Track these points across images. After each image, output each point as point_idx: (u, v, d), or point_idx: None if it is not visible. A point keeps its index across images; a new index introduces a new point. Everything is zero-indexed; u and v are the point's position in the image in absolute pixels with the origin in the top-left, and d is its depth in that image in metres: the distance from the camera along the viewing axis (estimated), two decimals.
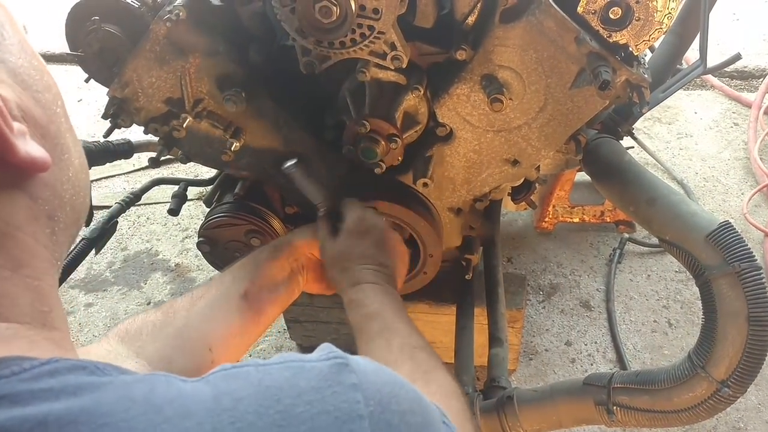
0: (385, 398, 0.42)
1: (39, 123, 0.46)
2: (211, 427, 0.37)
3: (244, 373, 0.42)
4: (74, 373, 0.39)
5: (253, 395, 0.40)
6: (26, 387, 0.37)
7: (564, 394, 1.18)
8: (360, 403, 0.41)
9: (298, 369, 0.43)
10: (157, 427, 0.37)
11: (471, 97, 1.14)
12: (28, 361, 0.39)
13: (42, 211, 0.46)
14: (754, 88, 3.04)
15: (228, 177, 1.48)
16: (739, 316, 0.98)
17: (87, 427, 0.36)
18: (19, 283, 0.44)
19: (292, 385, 0.41)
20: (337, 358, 0.44)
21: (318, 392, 0.41)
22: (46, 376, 0.38)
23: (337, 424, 0.39)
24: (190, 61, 1.14)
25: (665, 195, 1.12)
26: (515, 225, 2.36)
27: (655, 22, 1.02)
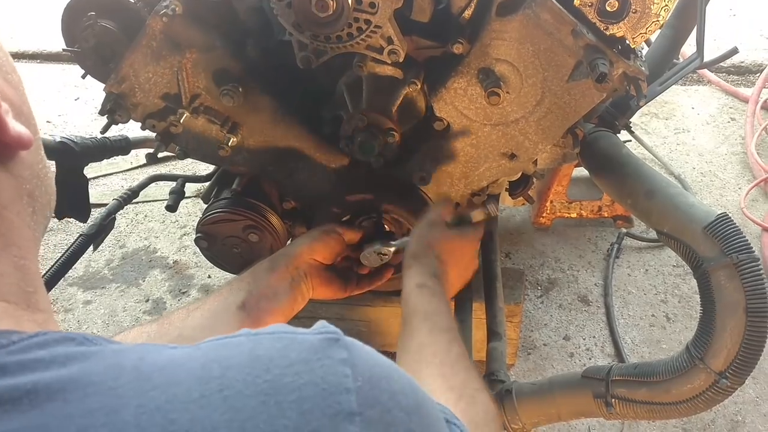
0: (375, 376, 0.42)
1: (14, 103, 0.46)
2: (198, 393, 0.37)
3: (235, 342, 0.43)
4: (63, 344, 0.39)
5: (242, 364, 0.40)
6: (15, 358, 0.37)
7: (563, 387, 1.18)
8: (348, 377, 0.41)
9: (289, 340, 0.43)
10: (145, 394, 0.37)
11: (468, 90, 1.14)
12: (17, 333, 0.39)
13: (24, 189, 0.46)
14: (750, 84, 3.04)
15: (225, 173, 1.48)
16: (738, 308, 0.98)
17: (75, 394, 0.36)
18: (7, 262, 0.44)
19: (282, 356, 0.41)
20: (330, 333, 0.44)
21: (307, 364, 0.41)
22: (35, 348, 0.38)
23: (324, 395, 0.39)
24: (187, 56, 1.14)
25: (663, 187, 1.12)
26: (513, 220, 2.36)
27: (651, 14, 1.02)
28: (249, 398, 0.38)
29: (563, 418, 1.21)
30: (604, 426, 1.70)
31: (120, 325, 2.07)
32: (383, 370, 0.44)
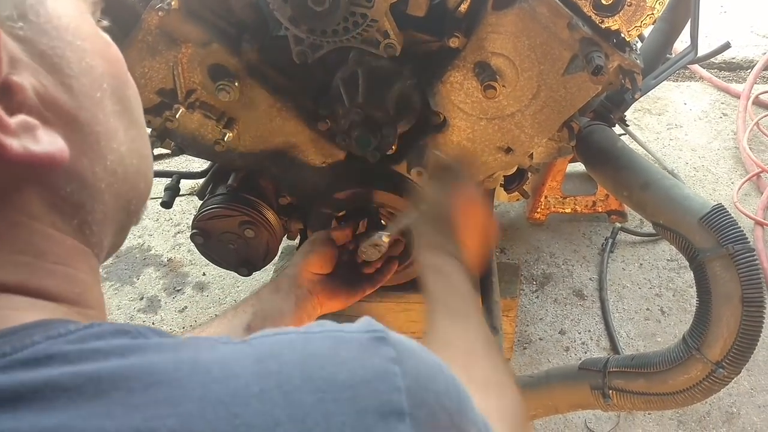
0: (422, 376, 0.43)
1: (64, 111, 0.43)
2: (258, 388, 0.38)
3: (287, 339, 0.43)
4: (118, 336, 0.39)
5: (297, 360, 0.40)
6: (75, 347, 0.37)
7: (560, 380, 1.19)
8: (398, 375, 0.41)
9: (339, 338, 0.43)
10: (206, 386, 0.37)
11: (464, 84, 1.15)
12: (73, 323, 0.39)
13: (66, 201, 0.45)
14: (742, 79, 3.06)
15: (221, 169, 1.47)
16: (733, 298, 0.99)
17: (139, 383, 0.36)
18: (45, 268, 0.44)
19: (334, 354, 0.41)
20: (377, 331, 0.44)
21: (359, 362, 0.41)
22: (92, 338, 0.38)
23: (376, 393, 0.40)
24: (183, 51, 1.14)
25: (658, 179, 1.13)
26: (508, 216, 2.37)
27: (646, 7, 1.02)
28: (307, 394, 0.38)
29: (560, 410, 1.22)
30: (600, 418, 1.71)
31: None
32: (429, 369, 0.44)
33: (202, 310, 2.09)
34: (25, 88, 0.40)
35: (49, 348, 0.36)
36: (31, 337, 0.37)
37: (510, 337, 1.80)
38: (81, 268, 0.46)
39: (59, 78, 0.43)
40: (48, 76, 0.42)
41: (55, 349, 0.37)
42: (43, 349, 0.36)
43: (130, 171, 0.50)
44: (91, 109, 0.46)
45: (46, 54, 0.42)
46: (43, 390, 0.34)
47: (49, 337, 0.37)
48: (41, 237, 0.44)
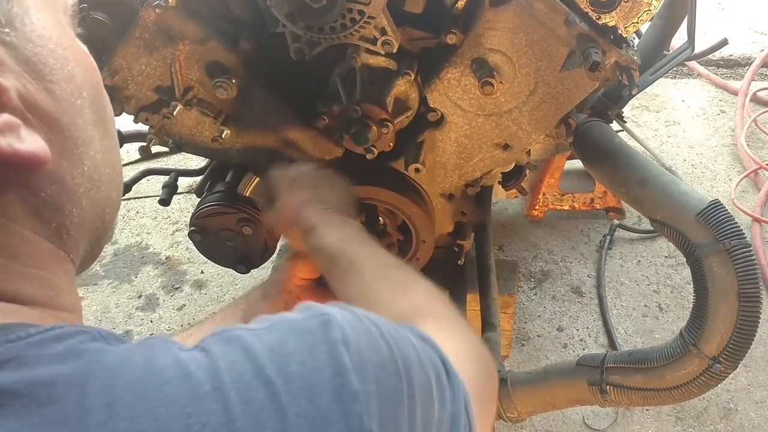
0: (365, 349, 0.45)
1: (46, 114, 0.44)
2: (211, 387, 0.39)
3: (236, 336, 0.44)
4: (78, 337, 0.40)
5: (247, 357, 0.41)
6: (33, 352, 0.38)
7: (558, 376, 1.19)
8: (345, 357, 0.43)
9: (287, 329, 0.45)
10: (160, 388, 0.38)
11: (462, 81, 1.15)
12: (33, 327, 0.39)
13: (45, 204, 0.45)
14: (740, 76, 3.07)
15: (218, 166, 1.47)
16: (730, 293, 0.99)
17: (93, 387, 0.37)
18: (18, 271, 0.44)
19: (282, 345, 0.43)
20: (321, 315, 0.46)
21: (308, 351, 0.43)
22: (51, 341, 0.39)
23: (328, 378, 0.41)
24: (180, 48, 1.14)
25: (656, 175, 1.13)
26: (506, 213, 2.37)
27: (643, 3, 1.03)
28: (259, 390, 0.39)
29: (558, 406, 1.22)
30: (598, 414, 1.71)
31: (113, 321, 2.06)
32: (369, 339, 0.46)
33: (200, 308, 2.09)
34: (10, 89, 0.41)
35: (6, 352, 0.37)
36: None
37: (508, 334, 1.81)
38: (56, 272, 0.47)
39: (42, 83, 0.44)
40: (32, 80, 0.43)
41: (13, 352, 0.37)
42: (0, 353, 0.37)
43: (104, 179, 0.50)
44: (72, 114, 0.47)
45: (30, 60, 0.43)
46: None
47: (8, 341, 0.37)
48: (18, 239, 0.44)
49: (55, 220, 0.46)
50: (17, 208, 0.44)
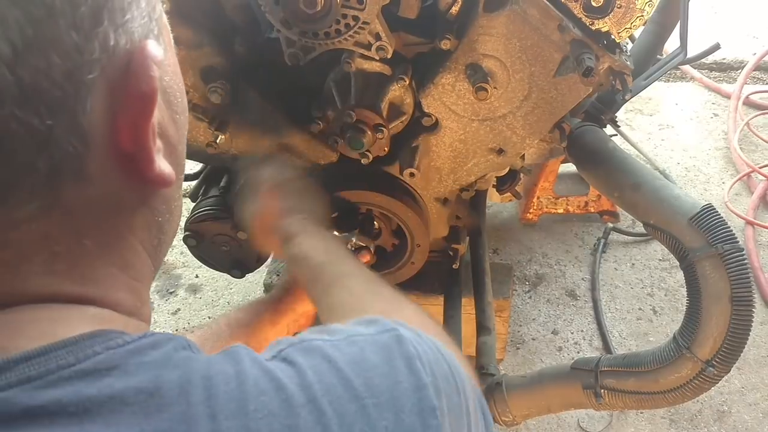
0: (434, 365, 0.46)
1: (171, 142, 0.48)
2: (305, 398, 0.40)
3: (316, 347, 0.45)
4: (170, 344, 0.42)
5: (332, 369, 0.43)
6: (133, 359, 0.39)
7: (552, 379, 1.19)
8: (422, 372, 0.44)
9: (363, 342, 0.46)
10: (257, 398, 0.39)
11: (456, 86, 1.15)
12: (128, 335, 0.41)
13: (155, 222, 0.49)
14: (732, 80, 3.08)
15: (213, 170, 1.47)
16: (723, 297, 0.99)
17: (195, 397, 0.38)
18: (124, 282, 0.46)
19: (364, 359, 0.44)
20: (393, 330, 0.48)
21: (388, 365, 0.44)
22: (148, 348, 0.40)
23: (409, 392, 0.43)
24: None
25: (649, 180, 1.14)
26: (500, 216, 2.37)
27: (636, 9, 1.03)
28: (349, 402, 0.41)
29: (553, 409, 1.22)
30: (593, 418, 1.71)
31: None
32: (434, 354, 0.48)
33: (195, 312, 2.09)
34: (156, 116, 0.44)
35: (110, 359, 0.38)
36: (92, 347, 0.38)
37: (503, 337, 1.81)
38: (147, 285, 0.50)
39: (170, 113, 0.47)
40: (165, 109, 0.46)
41: (115, 360, 0.38)
42: (103, 360, 0.38)
43: (181, 205, 0.54)
44: (183, 143, 0.51)
45: (165, 91, 0.46)
46: (107, 404, 0.36)
47: (108, 348, 0.39)
48: (132, 252, 0.47)
49: (157, 238, 0.49)
50: (138, 222, 0.47)
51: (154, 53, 0.42)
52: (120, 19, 0.40)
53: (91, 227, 0.43)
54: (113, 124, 0.41)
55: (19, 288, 0.40)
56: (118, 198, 0.44)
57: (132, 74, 0.41)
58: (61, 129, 0.38)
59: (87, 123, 0.39)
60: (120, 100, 0.41)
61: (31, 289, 0.41)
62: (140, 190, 0.46)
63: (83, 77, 0.38)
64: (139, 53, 0.42)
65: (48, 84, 0.37)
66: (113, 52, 0.40)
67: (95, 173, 0.41)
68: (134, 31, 0.42)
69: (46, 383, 0.35)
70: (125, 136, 0.42)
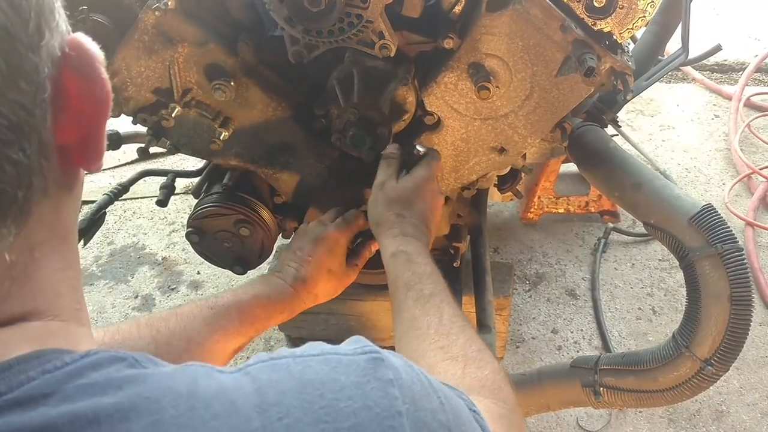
0: (417, 395, 0.43)
1: None
2: (259, 423, 0.37)
3: (283, 364, 0.42)
4: (115, 365, 0.39)
5: (295, 389, 0.40)
6: (72, 383, 0.36)
7: (551, 377, 1.20)
8: (398, 399, 0.41)
9: (336, 362, 0.43)
10: (207, 424, 0.36)
11: (458, 85, 1.16)
12: (68, 354, 0.38)
13: (75, 208, 0.46)
14: (734, 81, 3.09)
15: (216, 167, 1.48)
16: (722, 296, 1.00)
17: (138, 424, 0.35)
18: (67, 283, 0.44)
19: (332, 379, 0.41)
20: (372, 352, 0.45)
21: (358, 387, 0.41)
22: (88, 370, 0.37)
23: (378, 419, 0.39)
24: (179, 50, 1.15)
25: (650, 180, 1.14)
26: (501, 216, 2.38)
27: (638, 10, 1.04)
28: (308, 426, 0.38)
29: (552, 407, 1.23)
30: (592, 416, 1.72)
31: (109, 322, 2.07)
32: (422, 387, 0.44)
33: None
34: None
35: (45, 384, 0.35)
36: (27, 373, 0.36)
37: (503, 336, 1.82)
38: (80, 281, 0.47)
39: None
40: None
41: (51, 385, 0.36)
42: (38, 386, 0.35)
43: None
44: None
45: None
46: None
47: (44, 371, 0.36)
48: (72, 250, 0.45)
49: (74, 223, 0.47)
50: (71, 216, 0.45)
51: (96, 53, 0.41)
52: (53, 22, 0.39)
53: (43, 240, 0.41)
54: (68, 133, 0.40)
55: None
56: (58, 197, 0.42)
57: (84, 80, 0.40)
58: (35, 153, 0.37)
59: (48, 139, 0.38)
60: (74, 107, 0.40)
61: None
62: (72, 179, 0.44)
63: (44, 96, 0.37)
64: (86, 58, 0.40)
65: (24, 114, 0.36)
66: (55, 61, 0.39)
67: (52, 186, 0.40)
68: (62, 28, 0.40)
69: None
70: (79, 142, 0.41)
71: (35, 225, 0.39)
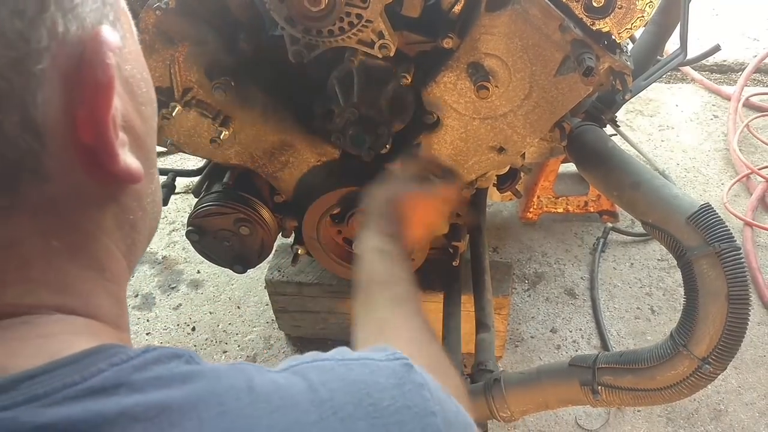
0: (442, 399, 0.47)
1: (137, 134, 0.45)
2: (317, 416, 0.40)
3: (328, 366, 0.45)
4: (174, 361, 0.40)
5: (344, 388, 0.42)
6: (139, 375, 0.38)
7: (550, 376, 1.21)
8: (429, 401, 0.45)
9: (375, 366, 0.46)
10: (269, 416, 0.39)
11: (458, 84, 1.16)
12: (130, 349, 0.39)
13: (127, 220, 0.46)
14: (733, 82, 3.09)
15: (216, 167, 1.48)
16: (720, 295, 1.01)
17: (207, 413, 0.37)
18: (102, 285, 0.44)
19: (375, 381, 0.44)
20: (403, 359, 0.48)
21: (398, 388, 0.44)
22: (152, 364, 0.39)
23: (417, 418, 0.43)
24: (179, 49, 1.15)
25: (648, 179, 1.15)
26: (500, 215, 2.38)
27: (637, 10, 1.04)
28: (360, 420, 0.41)
29: (551, 406, 1.23)
30: (591, 415, 1.73)
31: None
32: (443, 393, 0.48)
33: (196, 308, 2.10)
34: (117, 108, 0.42)
35: (115, 376, 0.37)
36: (96, 365, 0.37)
37: (502, 335, 1.82)
38: (123, 288, 0.48)
39: (135, 104, 0.45)
40: (129, 101, 0.44)
41: (121, 377, 0.37)
42: (110, 377, 0.37)
43: (157, 202, 0.52)
44: (152, 135, 0.48)
45: (128, 80, 0.44)
46: (117, 421, 0.35)
47: (112, 364, 0.38)
48: (106, 253, 0.45)
49: (130, 237, 0.47)
50: (110, 222, 0.45)
51: (109, 40, 0.40)
52: (69, 4, 0.38)
53: (58, 227, 0.41)
54: (70, 118, 0.39)
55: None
56: (83, 195, 0.42)
57: (86, 63, 0.39)
58: (12, 124, 0.36)
59: (40, 117, 0.37)
60: (76, 91, 0.39)
61: (9, 300, 0.39)
62: (107, 186, 0.43)
63: (31, 67, 0.36)
64: (93, 40, 0.40)
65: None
66: (63, 39, 0.38)
67: (55, 170, 0.39)
68: (86, 17, 0.39)
69: (54, 401, 0.34)
70: (84, 129, 0.40)
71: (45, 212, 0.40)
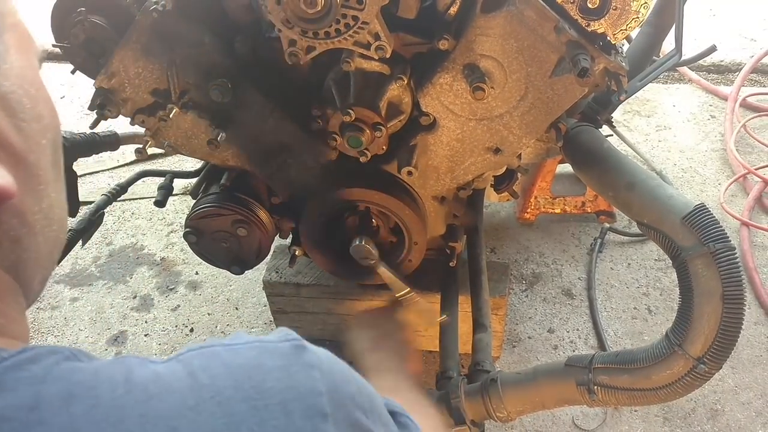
0: (337, 379, 0.47)
1: (15, 150, 0.45)
2: (194, 401, 0.40)
3: (214, 352, 0.46)
4: (52, 357, 0.41)
5: (226, 372, 0.43)
6: (11, 375, 0.38)
7: (546, 376, 1.21)
8: (318, 380, 0.45)
9: (262, 349, 0.46)
10: (144, 404, 0.39)
11: (453, 86, 1.17)
12: (5, 351, 0.40)
13: (5, 236, 0.46)
14: (730, 82, 3.10)
15: (214, 168, 1.49)
16: (714, 295, 1.01)
17: (79, 407, 0.38)
18: None
19: (259, 364, 0.45)
20: (295, 340, 0.48)
21: (283, 370, 0.45)
22: (27, 363, 0.39)
23: (301, 398, 0.43)
24: (177, 51, 1.16)
25: (644, 180, 1.15)
26: (498, 216, 2.39)
27: (631, 11, 1.05)
28: (239, 403, 0.41)
29: (547, 406, 1.24)
30: (588, 415, 1.73)
31: (107, 322, 2.07)
32: (342, 373, 0.49)
33: (194, 309, 2.10)
34: None
35: None
36: None
37: (499, 335, 1.83)
38: (9, 303, 0.47)
39: (14, 120, 0.45)
40: (4, 117, 0.44)
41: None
42: None
43: (56, 218, 0.51)
44: (37, 153, 0.48)
45: (5, 97, 0.45)
46: None
47: None
48: None
49: (13, 254, 0.47)
50: None
51: None
52: None
53: None
54: None
55: None
56: None
57: None
58: None
59: None
60: None
61: None
62: None
63: None
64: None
65: None
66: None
67: None
68: None
69: None
70: None
71: None
